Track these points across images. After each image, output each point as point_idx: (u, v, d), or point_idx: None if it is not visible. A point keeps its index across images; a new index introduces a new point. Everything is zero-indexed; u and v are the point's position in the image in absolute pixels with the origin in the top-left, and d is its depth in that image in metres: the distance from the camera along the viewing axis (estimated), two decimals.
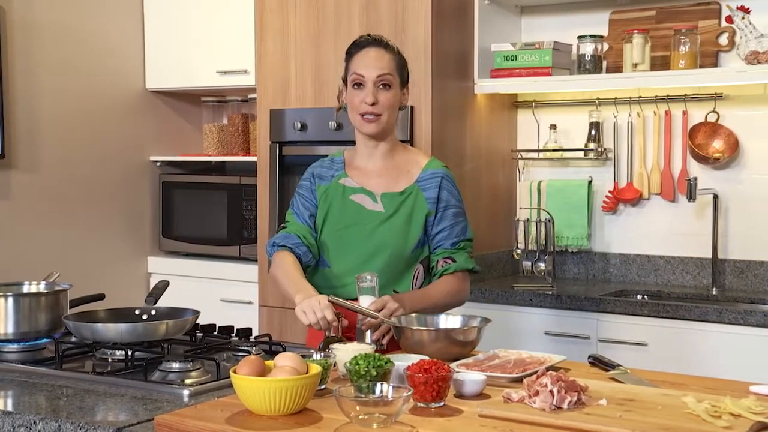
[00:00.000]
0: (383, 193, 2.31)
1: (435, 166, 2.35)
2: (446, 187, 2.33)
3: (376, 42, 2.31)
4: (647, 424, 1.46)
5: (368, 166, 2.35)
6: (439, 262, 2.30)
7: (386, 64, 2.28)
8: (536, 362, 1.90)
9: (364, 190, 2.32)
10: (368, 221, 2.28)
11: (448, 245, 2.31)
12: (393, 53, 2.32)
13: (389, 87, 2.27)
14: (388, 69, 2.28)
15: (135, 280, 4.13)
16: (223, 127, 4.20)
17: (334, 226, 2.31)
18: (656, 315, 2.98)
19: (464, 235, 2.34)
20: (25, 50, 3.69)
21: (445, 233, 2.31)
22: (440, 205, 2.31)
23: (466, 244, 2.34)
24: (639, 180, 3.49)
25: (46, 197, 3.78)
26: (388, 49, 2.31)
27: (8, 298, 2.08)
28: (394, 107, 2.30)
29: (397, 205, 2.29)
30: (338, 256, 2.30)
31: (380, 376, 1.64)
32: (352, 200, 2.32)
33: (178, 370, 1.87)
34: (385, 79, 2.27)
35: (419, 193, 2.31)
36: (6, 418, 1.65)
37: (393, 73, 2.29)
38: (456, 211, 2.33)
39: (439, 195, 2.31)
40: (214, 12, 3.96)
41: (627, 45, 3.33)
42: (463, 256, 2.32)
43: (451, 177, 2.36)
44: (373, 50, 2.29)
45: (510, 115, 3.74)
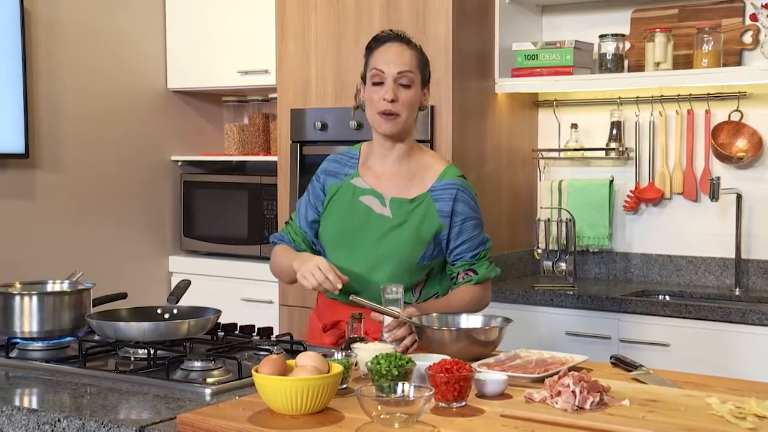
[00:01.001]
0: (392, 198, 2.24)
1: (451, 175, 2.26)
2: (462, 199, 2.24)
3: (398, 37, 2.22)
4: (671, 425, 1.45)
5: (381, 168, 2.28)
6: (460, 274, 2.26)
7: (408, 61, 2.20)
8: (558, 362, 1.90)
9: (374, 192, 2.26)
10: (376, 226, 2.22)
11: (468, 257, 2.25)
12: (415, 50, 2.23)
13: (410, 85, 2.19)
14: (410, 66, 2.20)
15: (156, 280, 4.16)
16: (243, 126, 4.22)
17: (339, 226, 2.27)
18: (678, 315, 2.96)
19: (484, 245, 2.28)
20: (49, 51, 3.72)
21: (465, 246, 2.24)
22: (457, 219, 2.22)
23: (486, 252, 2.29)
24: (661, 180, 3.47)
25: (69, 197, 3.81)
26: (411, 45, 2.23)
27: (33, 297, 2.10)
28: (413, 106, 2.21)
29: (406, 213, 2.22)
30: (344, 259, 2.23)
31: (401, 376, 1.64)
32: (361, 201, 2.26)
33: (200, 369, 1.88)
34: (406, 76, 2.19)
35: (431, 203, 2.23)
36: (31, 415, 1.66)
37: (414, 70, 2.20)
38: (475, 223, 2.26)
39: (453, 208, 2.22)
40: (235, 12, 3.98)
41: (649, 44, 3.30)
42: (484, 265, 2.28)
43: (467, 188, 2.26)
44: (395, 45, 2.21)
45: (531, 114, 3.72)
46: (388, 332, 2.06)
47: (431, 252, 2.23)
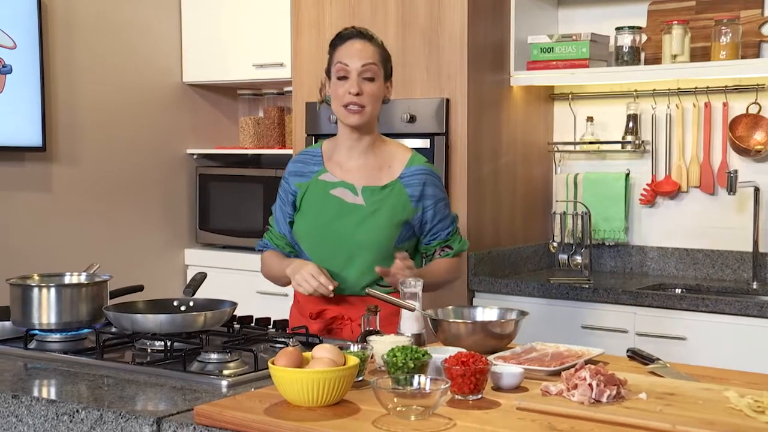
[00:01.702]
0: (364, 187, 2.33)
1: (418, 162, 2.37)
2: (431, 183, 2.36)
3: (360, 34, 2.33)
4: (688, 419, 1.44)
5: (349, 162, 2.36)
6: (437, 251, 2.40)
7: (371, 55, 2.30)
8: (574, 355, 1.89)
9: (344, 184, 2.34)
10: (350, 216, 2.30)
11: (444, 235, 2.39)
12: (377, 45, 2.33)
13: (373, 78, 2.29)
14: (373, 59, 2.29)
15: (172, 272, 4.17)
16: (259, 120, 4.22)
17: (314, 221, 2.35)
18: (695, 309, 2.95)
19: (454, 223, 2.43)
20: (66, 45, 3.74)
21: (440, 225, 2.38)
22: (429, 201, 2.34)
23: (457, 228, 2.44)
24: (677, 173, 3.45)
25: (86, 190, 3.83)
26: (373, 41, 2.33)
27: (51, 289, 2.11)
28: (377, 99, 2.31)
29: (379, 200, 2.31)
30: (322, 251, 2.31)
31: (417, 368, 1.64)
32: (332, 194, 2.34)
33: (216, 361, 1.88)
34: (369, 69, 2.28)
35: (402, 189, 2.33)
36: (50, 406, 1.68)
37: (377, 63, 2.30)
38: (446, 203, 2.40)
39: (423, 192, 2.33)
40: (250, 6, 3.98)
41: (666, 36, 3.28)
42: (457, 240, 2.42)
43: (435, 173, 2.39)
44: (358, 42, 2.31)
45: (546, 107, 3.71)
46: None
47: (405, 235, 2.34)
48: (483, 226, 3.40)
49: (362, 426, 1.46)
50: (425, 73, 3.35)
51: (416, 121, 3.35)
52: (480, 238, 3.37)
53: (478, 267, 3.32)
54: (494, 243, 3.45)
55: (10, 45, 3.49)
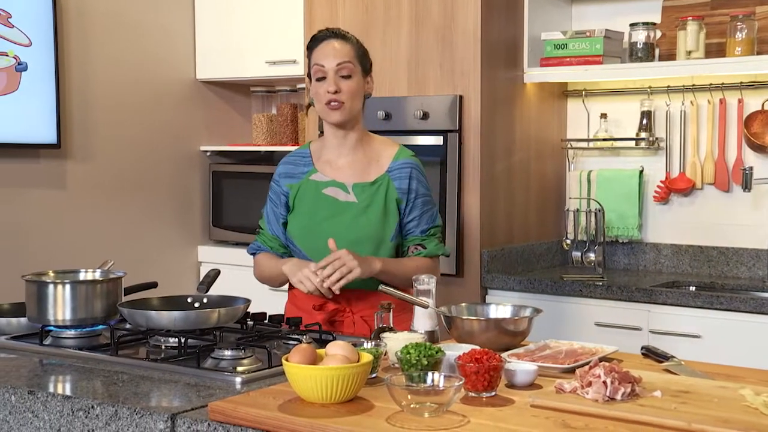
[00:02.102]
0: (354, 184, 2.36)
1: (405, 155, 2.39)
2: (416, 176, 2.37)
3: (333, 34, 2.36)
4: (704, 417, 1.44)
5: (338, 160, 2.40)
6: (410, 248, 2.38)
7: (345, 53, 2.33)
8: (588, 353, 1.89)
9: (335, 183, 2.37)
10: (344, 213, 2.33)
11: (418, 233, 2.37)
12: (352, 43, 2.36)
13: (350, 75, 2.32)
14: (348, 57, 2.32)
15: (185, 269, 4.19)
16: (271, 117, 4.23)
17: (309, 220, 2.37)
18: (710, 306, 2.93)
19: (433, 222, 2.40)
20: (80, 41, 3.75)
21: (415, 222, 2.37)
22: (410, 195, 2.36)
23: (436, 230, 2.40)
24: (692, 170, 3.43)
25: (100, 186, 3.85)
26: (347, 39, 2.36)
27: (66, 286, 2.12)
28: (356, 95, 2.34)
29: (370, 195, 2.34)
30: (317, 251, 2.31)
31: (431, 366, 1.64)
32: (324, 194, 2.37)
33: (230, 358, 1.89)
34: (345, 67, 2.31)
35: (390, 182, 2.36)
36: (66, 402, 1.69)
37: (353, 60, 2.33)
38: (425, 200, 2.39)
39: (409, 185, 2.36)
40: (263, 3, 3.99)
41: (681, 32, 3.27)
42: (433, 242, 2.39)
43: (420, 167, 2.40)
44: (332, 42, 2.34)
45: (560, 104, 3.70)
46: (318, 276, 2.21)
47: (399, 230, 2.36)
48: (496, 223, 3.39)
49: (376, 423, 1.46)
50: (438, 69, 3.34)
51: (429, 118, 3.35)
52: (493, 235, 3.37)
53: (491, 264, 3.31)
54: (507, 240, 3.44)
55: (26, 42, 3.51)
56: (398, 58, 3.43)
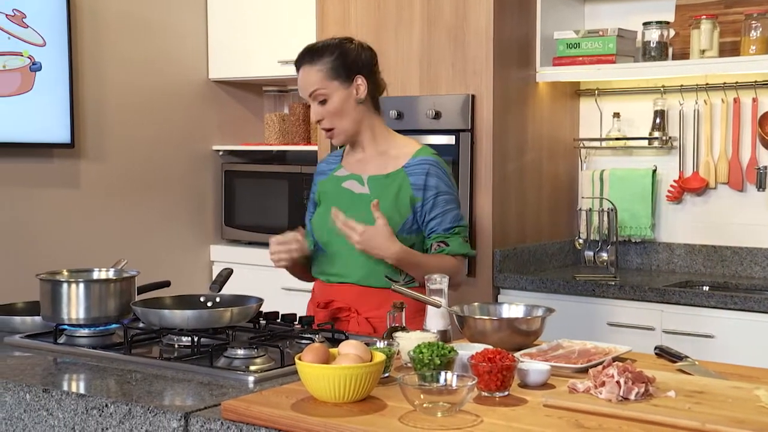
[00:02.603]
0: (370, 176, 2.36)
1: (425, 153, 2.37)
2: (435, 173, 2.33)
3: (301, 59, 2.33)
4: (718, 417, 1.43)
5: (358, 155, 2.41)
6: (433, 245, 2.33)
7: (313, 80, 2.30)
8: (601, 353, 1.88)
9: (353, 176, 2.39)
10: (358, 206, 2.33)
11: (441, 230, 2.33)
12: (320, 62, 2.30)
13: (325, 100, 2.30)
14: (316, 84, 2.29)
15: (198, 268, 4.20)
16: (284, 116, 4.23)
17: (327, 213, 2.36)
18: (723, 306, 2.92)
19: (458, 221, 2.35)
20: (94, 41, 3.77)
21: (438, 219, 2.32)
22: (429, 192, 2.32)
23: (460, 229, 2.35)
24: (705, 169, 3.42)
25: (113, 186, 3.86)
26: (314, 59, 2.30)
27: (79, 285, 2.13)
28: (341, 113, 2.31)
29: (382, 188, 2.33)
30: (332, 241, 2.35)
31: (444, 365, 1.64)
32: (343, 187, 2.39)
33: (243, 357, 1.89)
34: (317, 95, 2.30)
35: (405, 177, 2.33)
36: (79, 400, 1.69)
37: (322, 84, 2.29)
38: (448, 198, 2.34)
39: (426, 182, 2.32)
40: (275, 2, 3.99)
41: (694, 31, 3.25)
42: (457, 240, 2.33)
43: (441, 165, 2.36)
44: (302, 71, 2.32)
45: (572, 103, 3.69)
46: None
47: (410, 225, 2.32)
48: (508, 223, 3.38)
49: (389, 422, 1.46)
50: (450, 69, 3.34)
51: (441, 118, 3.34)
52: (505, 235, 3.36)
53: (503, 264, 3.31)
54: (519, 240, 3.44)
55: (40, 43, 3.53)
56: (410, 58, 3.42)
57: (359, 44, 2.38)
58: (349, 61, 2.32)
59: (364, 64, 2.35)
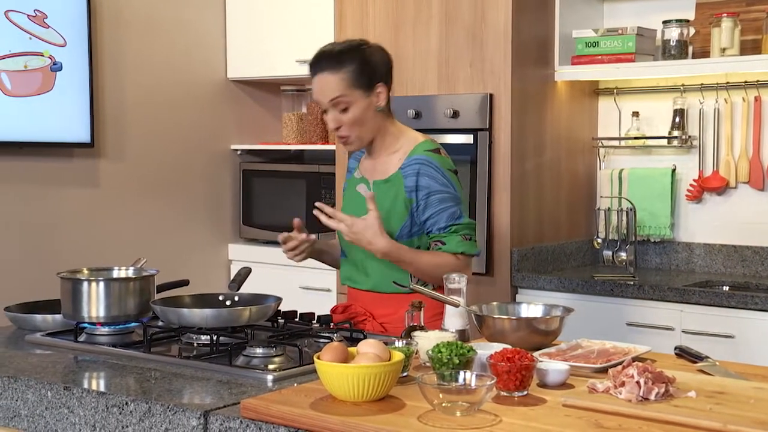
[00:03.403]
0: (375, 181, 2.36)
1: (419, 151, 2.30)
2: (426, 173, 2.26)
3: (323, 64, 2.25)
4: (740, 418, 1.42)
5: (371, 159, 2.40)
6: (431, 245, 2.31)
7: (334, 87, 2.23)
8: (620, 353, 1.87)
9: (364, 179, 2.39)
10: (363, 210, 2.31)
11: (436, 230, 2.28)
12: (341, 69, 2.23)
13: (347, 108, 2.24)
14: (338, 91, 2.23)
15: (216, 267, 4.21)
16: (302, 115, 4.24)
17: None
18: (743, 307, 2.90)
19: (456, 220, 2.28)
20: (114, 42, 3.79)
21: (432, 219, 2.28)
22: (421, 193, 2.27)
23: (459, 227, 2.28)
24: (725, 168, 3.39)
25: (132, 185, 3.89)
26: (338, 66, 2.23)
27: (99, 283, 2.14)
28: (359, 122, 2.26)
29: (382, 192, 2.32)
30: (349, 247, 2.37)
31: (463, 365, 1.64)
32: (356, 191, 2.40)
33: (261, 356, 1.90)
34: (339, 102, 2.24)
35: (401, 180, 2.30)
36: (100, 398, 1.70)
37: (345, 91, 2.23)
38: (442, 197, 2.27)
39: (418, 183, 2.27)
40: (293, 2, 4.00)
41: (715, 29, 3.23)
42: (455, 239, 2.27)
43: (434, 162, 2.28)
44: (320, 76, 2.25)
45: (591, 102, 3.67)
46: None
47: (410, 229, 2.29)
48: (526, 222, 3.37)
49: (408, 421, 1.46)
50: (469, 68, 3.33)
51: (459, 117, 3.34)
52: (523, 234, 3.35)
53: (521, 263, 3.30)
54: (538, 239, 3.43)
55: (61, 43, 3.56)
56: (428, 56, 3.42)
57: (377, 48, 2.33)
58: (371, 69, 2.27)
59: (384, 71, 2.30)
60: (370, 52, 2.29)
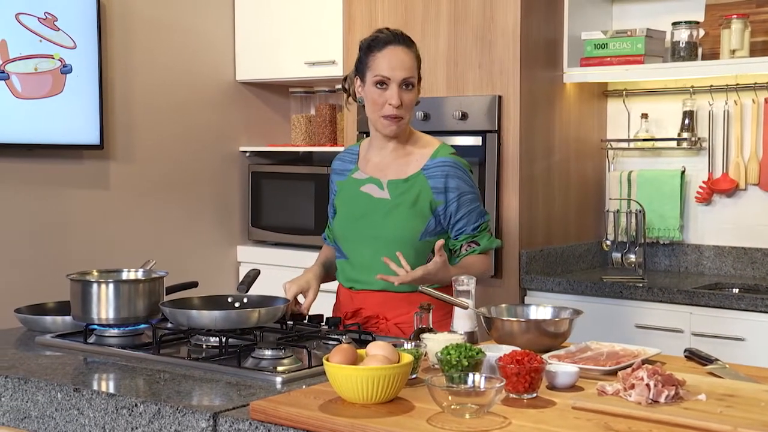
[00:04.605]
0: (389, 181, 2.34)
1: (443, 153, 2.34)
2: (455, 175, 2.31)
3: (400, 39, 2.28)
4: (750, 421, 1.41)
5: (380, 159, 2.37)
6: (463, 246, 2.33)
7: (411, 65, 2.27)
8: (630, 355, 1.87)
9: (372, 179, 2.36)
10: (377, 210, 2.32)
11: (470, 230, 2.32)
12: (415, 53, 2.31)
13: (412, 87, 2.28)
14: (413, 70, 2.28)
15: (225, 269, 4.22)
16: (310, 117, 4.25)
17: (347, 218, 2.38)
18: (753, 309, 2.89)
19: (483, 218, 2.35)
20: (123, 44, 3.80)
21: (465, 220, 2.32)
22: (452, 195, 2.30)
23: (485, 225, 2.36)
24: (735, 170, 3.38)
25: (142, 187, 3.90)
26: (411, 47, 2.30)
27: (109, 285, 2.14)
28: (412, 106, 2.31)
29: (402, 192, 2.31)
30: (354, 248, 2.35)
31: (472, 367, 1.64)
32: (361, 191, 2.36)
33: (270, 358, 1.90)
34: (409, 80, 2.27)
35: (425, 180, 2.31)
36: (110, 399, 1.71)
37: (416, 72, 2.29)
38: (471, 197, 2.33)
39: (447, 184, 2.30)
40: (302, 3, 4.00)
41: (725, 30, 3.22)
42: (485, 237, 2.35)
43: (460, 165, 2.34)
44: (399, 49, 2.27)
45: (599, 104, 3.67)
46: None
47: (432, 228, 2.31)
48: (535, 224, 3.37)
49: (417, 423, 1.46)
50: (477, 70, 3.33)
51: (468, 119, 3.34)
52: (532, 236, 3.35)
53: (530, 265, 3.29)
54: (546, 241, 3.42)
55: (71, 45, 3.57)
56: (437, 58, 3.42)
57: None
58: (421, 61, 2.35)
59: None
60: None
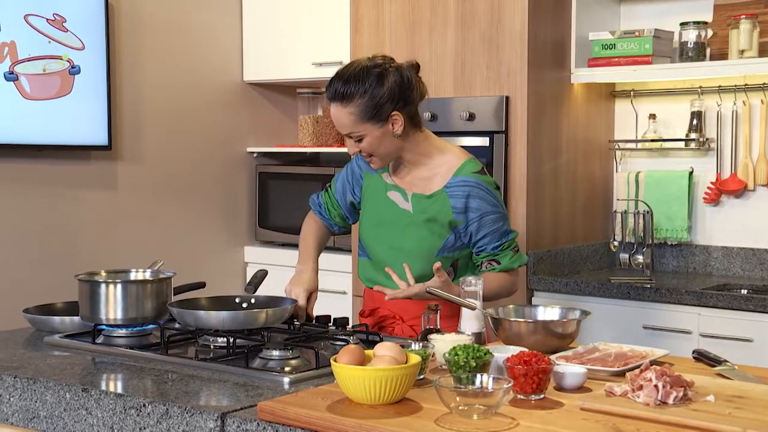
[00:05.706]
0: (414, 194, 2.31)
1: (466, 172, 2.28)
2: (477, 195, 2.26)
3: (334, 96, 2.19)
4: (760, 423, 1.41)
5: (406, 170, 2.34)
6: (484, 263, 2.30)
7: (346, 122, 2.19)
8: (638, 356, 1.86)
9: (398, 188, 2.34)
10: (399, 220, 2.31)
11: (490, 249, 2.29)
12: (351, 103, 2.17)
13: (361, 138, 2.21)
14: (350, 127, 2.20)
15: (232, 269, 4.23)
16: (318, 118, 4.25)
17: (371, 220, 2.37)
18: (762, 310, 2.88)
19: (507, 237, 2.30)
20: (131, 46, 3.81)
21: (486, 239, 2.28)
22: (473, 215, 2.26)
23: (509, 243, 2.31)
24: (744, 170, 3.37)
25: (149, 188, 3.90)
26: (348, 100, 2.17)
27: (117, 285, 2.15)
28: (379, 145, 2.22)
29: (424, 208, 2.29)
30: (375, 251, 2.36)
31: (479, 367, 1.63)
32: (388, 197, 2.35)
33: (278, 358, 1.90)
34: (353, 135, 2.22)
35: (446, 199, 2.27)
36: (118, 400, 1.71)
37: (356, 126, 2.19)
38: (495, 218, 2.28)
39: (468, 204, 2.26)
40: (309, 4, 4.01)
41: (733, 31, 3.21)
42: (507, 256, 2.30)
43: (483, 184, 2.27)
44: (334, 107, 2.21)
45: (607, 104, 3.66)
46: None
47: (452, 244, 2.29)
48: (542, 225, 3.37)
49: (424, 424, 1.46)
50: (485, 70, 3.33)
51: (475, 119, 3.33)
52: (539, 237, 3.35)
53: (537, 266, 3.29)
54: (554, 242, 3.42)
55: (79, 46, 3.58)
56: (444, 59, 3.42)
57: (394, 69, 2.21)
58: (382, 101, 2.18)
59: (399, 96, 2.20)
60: (381, 80, 2.18)
